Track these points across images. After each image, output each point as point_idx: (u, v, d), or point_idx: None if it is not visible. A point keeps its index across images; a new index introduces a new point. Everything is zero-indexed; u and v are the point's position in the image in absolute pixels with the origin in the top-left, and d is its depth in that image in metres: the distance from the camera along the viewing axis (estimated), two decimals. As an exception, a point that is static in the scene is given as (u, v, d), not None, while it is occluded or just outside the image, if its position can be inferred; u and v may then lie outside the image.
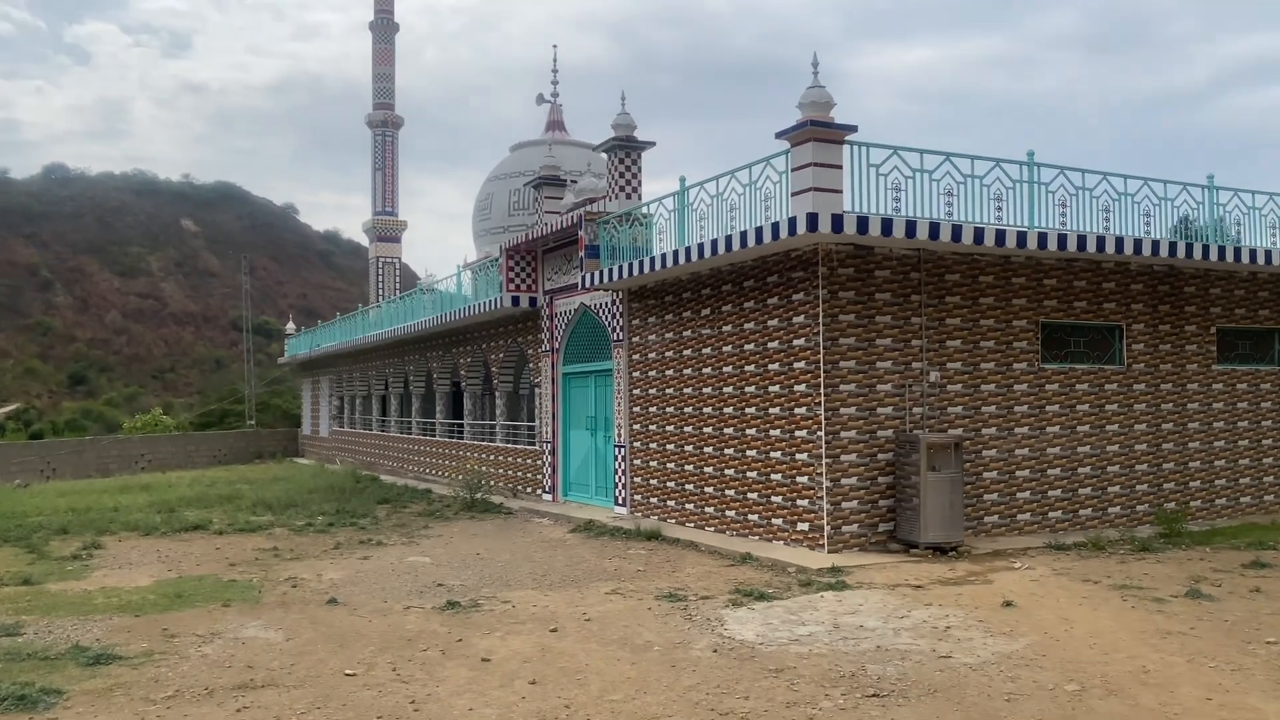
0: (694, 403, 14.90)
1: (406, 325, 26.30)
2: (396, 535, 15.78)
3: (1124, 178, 13.62)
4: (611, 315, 17.26)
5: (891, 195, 11.98)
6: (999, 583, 10.53)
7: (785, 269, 12.82)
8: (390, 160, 47.29)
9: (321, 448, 38.31)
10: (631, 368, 16.70)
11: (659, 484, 15.86)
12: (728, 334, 14.07)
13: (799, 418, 12.60)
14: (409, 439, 28.39)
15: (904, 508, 12.31)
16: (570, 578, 11.56)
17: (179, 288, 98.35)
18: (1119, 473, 14.28)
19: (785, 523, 12.84)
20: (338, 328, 35.14)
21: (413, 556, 13.51)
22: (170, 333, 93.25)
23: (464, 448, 24.16)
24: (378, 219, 47.53)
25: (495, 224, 35.35)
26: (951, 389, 13.07)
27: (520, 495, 20.82)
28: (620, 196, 17.14)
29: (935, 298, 12.98)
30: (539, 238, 18.97)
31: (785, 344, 12.85)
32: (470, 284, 24.06)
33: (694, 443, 14.89)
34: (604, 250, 16.51)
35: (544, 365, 19.98)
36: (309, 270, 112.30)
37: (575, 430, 19.23)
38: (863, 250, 12.46)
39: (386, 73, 47.94)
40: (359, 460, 32.52)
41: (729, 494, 14.04)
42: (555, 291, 19.55)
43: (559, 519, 17.26)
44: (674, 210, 14.43)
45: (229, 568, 12.80)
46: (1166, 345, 14.76)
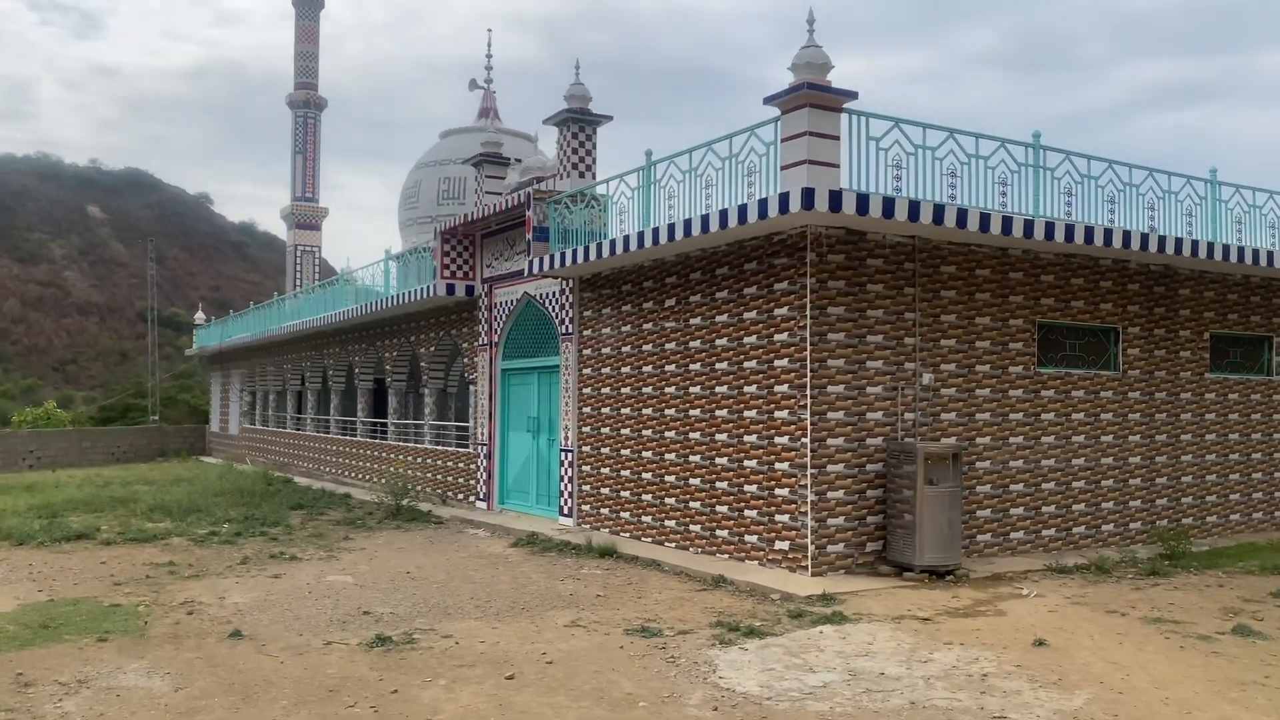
0: (655, 403, 13.39)
1: (326, 316, 24.28)
2: (313, 548, 13.93)
3: (1129, 167, 12.55)
4: (560, 306, 15.65)
5: (892, 173, 10.64)
6: (1014, 615, 9.24)
7: (767, 254, 11.40)
8: (312, 143, 44.76)
9: (231, 446, 35.83)
10: (582, 364, 15.11)
11: (612, 493, 14.30)
12: (696, 328, 12.59)
13: (779, 422, 11.18)
14: (327, 439, 26.32)
15: (896, 525, 10.98)
16: (519, 604, 9.93)
17: (83, 276, 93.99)
18: (1113, 488, 13.19)
19: (761, 540, 11.41)
20: (251, 318, 32.77)
21: (332, 575, 11.73)
22: (73, 323, 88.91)
23: (388, 449, 22.26)
24: (297, 205, 44.93)
25: (423, 213, 33.50)
26: (945, 393, 11.80)
27: (451, 503, 19.05)
28: (573, 175, 15.54)
29: (929, 291, 11.70)
30: (479, 220, 17.26)
31: (765, 339, 11.43)
32: (398, 272, 22.20)
33: (654, 448, 13.37)
34: (554, 233, 14.90)
35: (480, 360, 18.27)
36: (222, 262, 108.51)
37: (515, 432, 17.56)
38: (854, 236, 11.11)
39: (309, 51, 45.39)
40: (272, 460, 30.24)
41: (694, 506, 12.55)
42: (495, 280, 17.86)
43: (497, 530, 15.58)
44: (638, 188, 12.91)
45: (113, 588, 10.87)
46: (1161, 351, 13.74)
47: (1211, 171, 13.46)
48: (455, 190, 34.50)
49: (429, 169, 35.20)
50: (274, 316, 29.99)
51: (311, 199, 45.54)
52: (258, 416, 33.35)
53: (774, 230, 11.11)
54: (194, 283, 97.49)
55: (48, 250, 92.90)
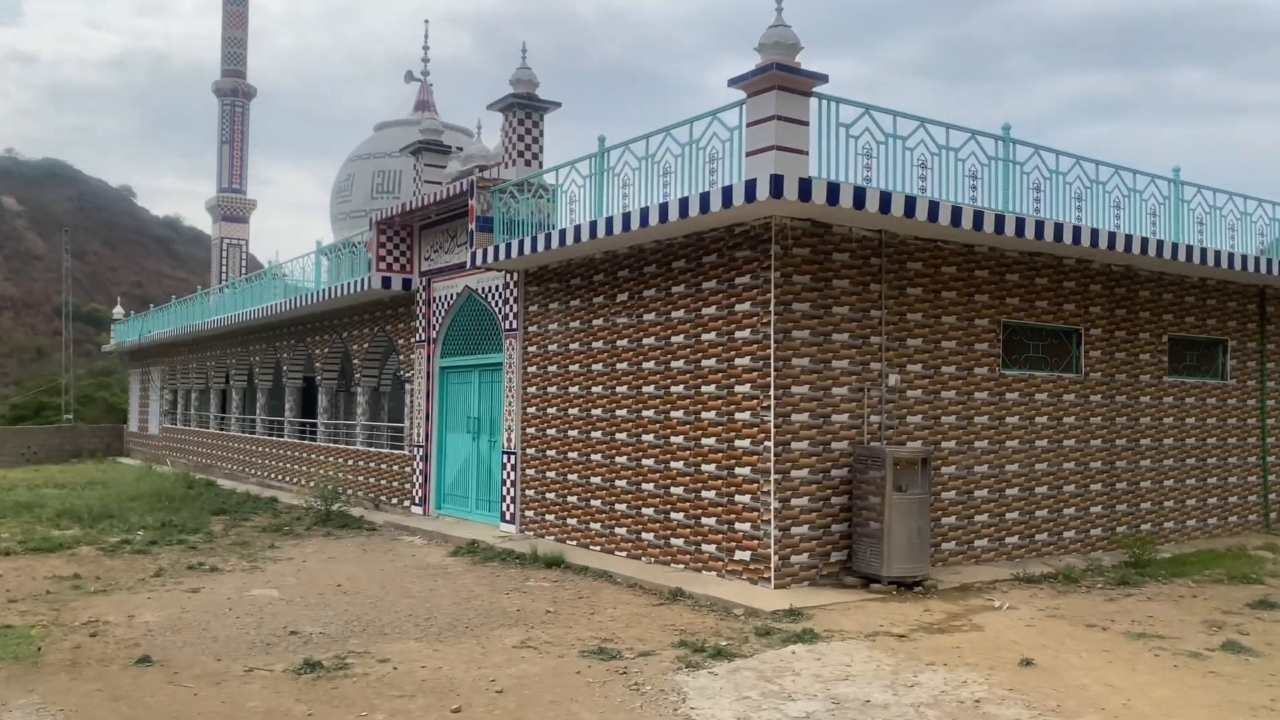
0: (605, 403, 12.68)
1: (253, 310, 23.08)
2: (236, 557, 12.94)
3: (1095, 163, 12.18)
4: (504, 300, 14.85)
5: (862, 162, 10.08)
6: (992, 629, 8.73)
7: (728, 247, 10.76)
8: (239, 133, 43.04)
9: (150, 447, 34.19)
10: (527, 361, 14.33)
11: (558, 499, 13.55)
12: (650, 324, 11.92)
13: (740, 424, 10.55)
14: (252, 439, 25.09)
15: (862, 534, 10.42)
16: (463, 621, 9.14)
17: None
18: (1075, 493, 12.83)
19: (720, 550, 10.77)
20: (173, 313, 31.23)
21: (257, 588, 10.79)
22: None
23: (318, 451, 21.19)
24: (223, 196, 43.15)
25: (356, 207, 32.36)
26: (911, 395, 11.29)
27: (385, 507, 18.10)
28: (519, 163, 14.76)
29: (896, 289, 11.18)
30: (417, 209, 16.37)
31: (725, 336, 10.79)
32: (329, 266, 21.14)
33: (604, 451, 12.66)
34: (499, 223, 14.10)
35: (417, 357, 17.36)
36: (145, 257, 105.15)
37: (453, 433, 16.70)
38: (820, 228, 10.53)
39: (238, 37, 43.67)
40: (193, 462, 28.83)
41: (647, 513, 11.87)
42: (434, 273, 16.98)
43: (434, 538, 14.73)
44: (590, 175, 12.18)
45: (6, 606, 9.81)
46: (1122, 353, 13.44)
47: (1175, 170, 13.20)
48: (390, 184, 33.46)
49: (363, 161, 34.07)
50: (198, 311, 28.58)
51: (239, 190, 43.83)
52: (179, 416, 31.85)
53: (736, 221, 10.48)
54: (115, 278, 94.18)
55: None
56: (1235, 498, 14.77)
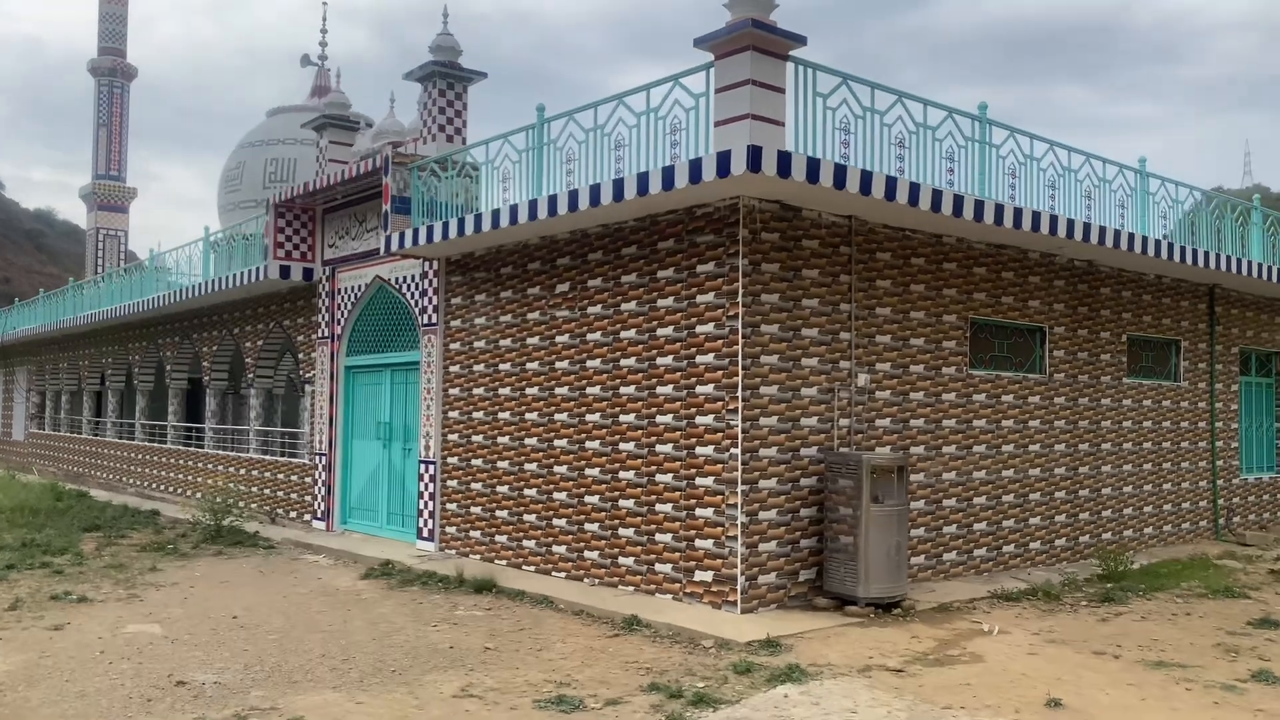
0: (541, 407, 11.38)
1: (132, 304, 20.95)
2: (110, 583, 11.21)
3: (1068, 150, 11.46)
4: (421, 292, 13.40)
5: (840, 138, 9.04)
6: (993, 660, 7.78)
7: (687, 231, 9.62)
8: (118, 116, 40.00)
9: (14, 454, 31.26)
10: (449, 360, 12.92)
11: (485, 513, 12.19)
12: (595, 318, 10.68)
13: (702, 429, 9.41)
14: (131, 445, 22.87)
15: (834, 551, 9.39)
16: (387, 663, 7.75)
17: None
18: (1040, 501, 12.10)
19: (677, 570, 9.60)
20: (41, 308, 28.54)
21: (135, 624, 9.16)
22: None
23: (205, 458, 19.26)
24: (99, 183, 40.04)
25: (247, 196, 30.21)
26: (880, 396, 10.33)
27: (282, 522, 16.39)
28: (440, 138, 13.32)
29: (865, 280, 10.21)
30: (321, 189, 14.76)
31: (684, 330, 9.64)
32: (217, 258, 19.28)
33: (540, 459, 11.36)
34: (417, 205, 12.66)
35: (319, 356, 15.74)
36: (14, 252, 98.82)
37: (361, 440, 15.14)
38: (789, 212, 9.48)
39: (117, 13, 40.59)
40: (64, 470, 26.28)
41: (590, 529, 10.63)
42: (339, 262, 15.38)
43: (341, 557, 13.18)
44: (527, 150, 10.87)
45: None
46: (1084, 353, 12.79)
47: (1141, 161, 12.61)
48: (284, 172, 31.39)
49: (254, 149, 31.86)
50: (69, 306, 26.09)
51: (117, 177, 40.77)
52: (48, 420, 29.13)
53: (698, 201, 9.34)
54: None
55: None
56: (1188, 504, 14.32)
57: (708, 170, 8.37)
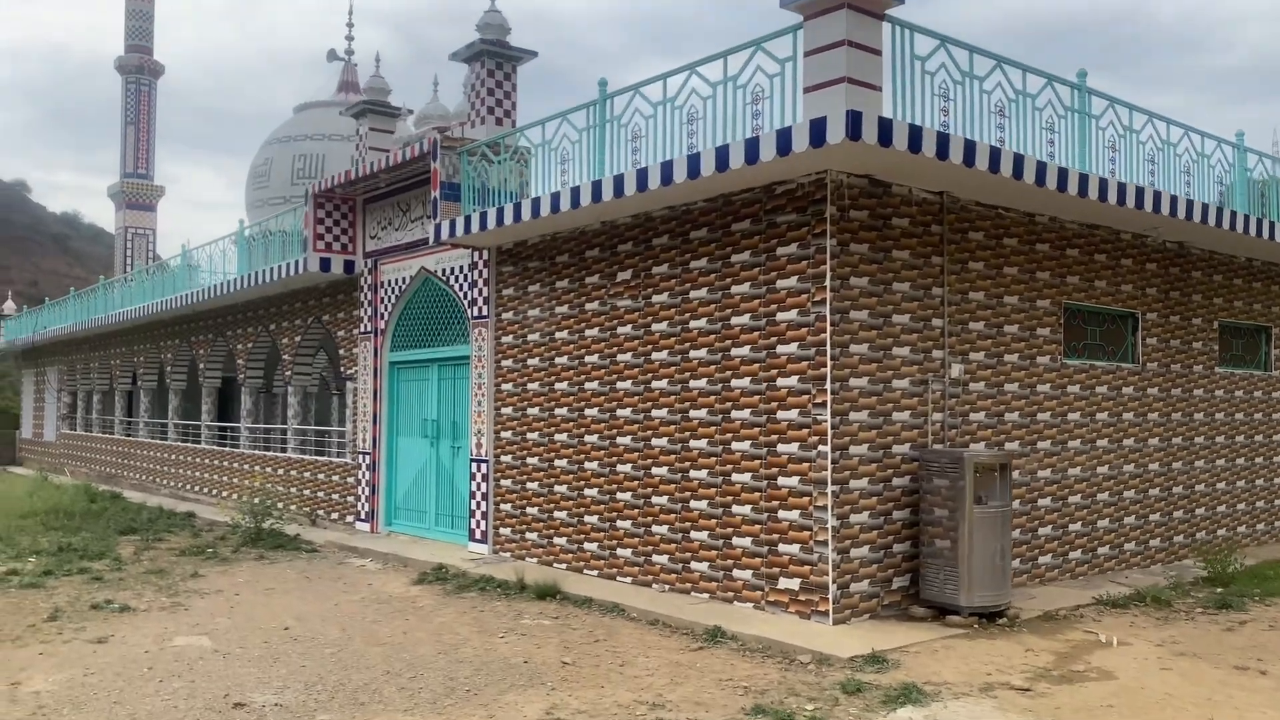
0: (602, 402, 10.71)
1: (164, 302, 20.46)
2: (152, 591, 10.65)
3: (1167, 123, 10.67)
4: (471, 283, 12.76)
5: (939, 105, 8.31)
6: (1125, 676, 7.04)
7: (765, 211, 8.91)
8: (145, 113, 39.68)
9: (47, 455, 30.96)
10: (501, 354, 12.28)
11: (542, 514, 11.54)
12: (661, 307, 10.00)
13: (785, 425, 8.70)
14: (164, 446, 22.41)
15: (930, 556, 8.67)
16: (458, 680, 7.10)
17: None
18: (1134, 499, 11.33)
19: (758, 577, 8.90)
20: (71, 307, 28.18)
21: (182, 636, 8.57)
22: None
23: (241, 459, 18.73)
24: (128, 182, 39.73)
25: (275, 193, 29.83)
26: (974, 388, 9.59)
27: (324, 524, 15.82)
28: (489, 121, 12.67)
29: (958, 263, 9.47)
30: (362, 178, 14.15)
31: (763, 319, 8.94)
32: (254, 252, 18.74)
33: (602, 457, 10.70)
34: (467, 191, 12.02)
35: (361, 351, 15.14)
36: (41, 255, 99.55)
37: (406, 438, 14.53)
38: (879, 188, 8.76)
39: (144, 10, 40.26)
40: (96, 471, 25.90)
41: (659, 532, 9.95)
42: (381, 254, 14.78)
43: (389, 560, 12.58)
44: (588, 128, 10.19)
45: None
46: (1176, 341, 11.99)
47: (1239, 135, 11.78)
48: (312, 168, 31.01)
49: (282, 145, 31.44)
50: (100, 304, 25.68)
51: (145, 176, 40.46)
52: (79, 420, 28.77)
53: (779, 178, 8.64)
54: (8, 276, 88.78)
55: None
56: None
57: (799, 140, 7.66)
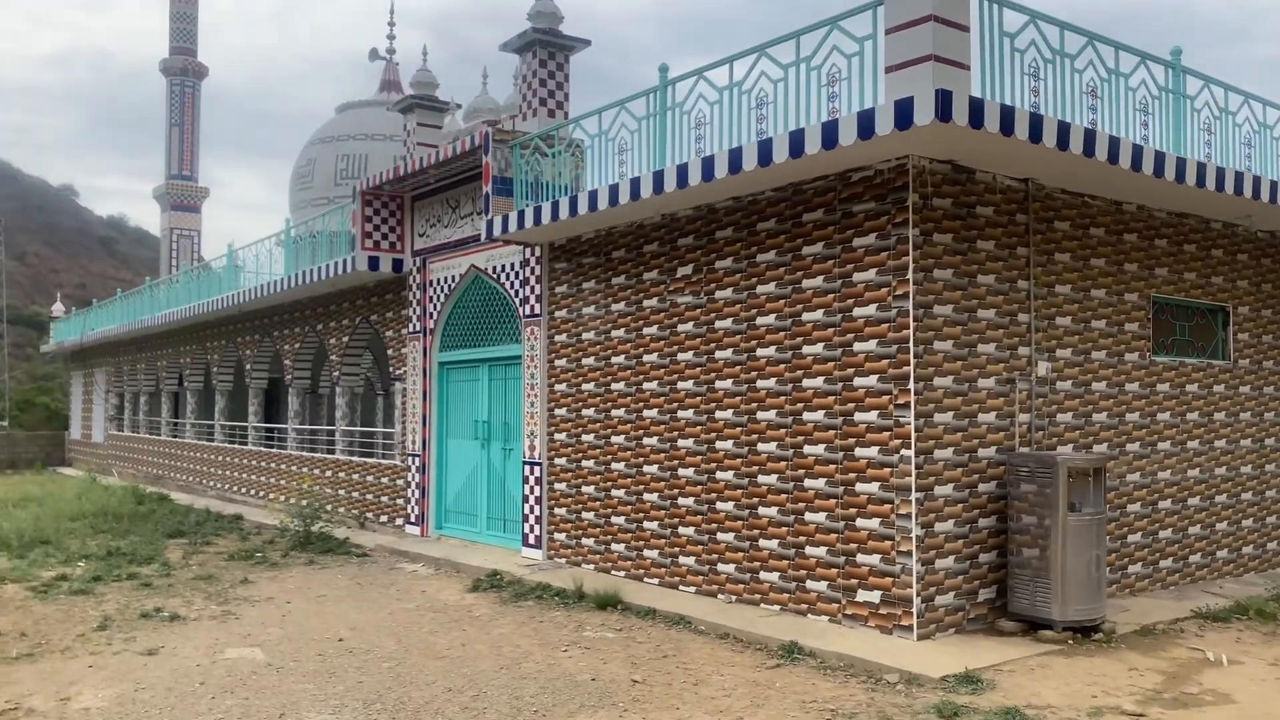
0: (662, 403, 10.27)
1: (210, 302, 20.32)
2: (201, 597, 10.38)
3: (1263, 104, 10.02)
4: (522, 281, 12.38)
5: (1029, 84, 7.78)
6: (1244, 699, 6.49)
7: (840, 200, 8.42)
8: (190, 115, 39.86)
9: (95, 456, 31.11)
10: (555, 353, 11.88)
11: (599, 519, 11.12)
12: (725, 303, 9.53)
13: (863, 428, 8.21)
14: (211, 447, 22.31)
15: (1019, 566, 8.13)
16: (525, 701, 6.70)
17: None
18: (1226, 503, 10.68)
19: (834, 589, 8.41)
20: (118, 308, 28.26)
21: (234, 647, 8.25)
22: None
23: (288, 460, 18.53)
24: (173, 184, 39.93)
25: (319, 194, 29.74)
26: (1061, 388, 9.03)
27: (372, 526, 15.54)
28: (541, 113, 12.28)
29: (1044, 254, 8.92)
30: (411, 174, 13.81)
31: (837, 314, 8.45)
32: (301, 252, 18.53)
33: (662, 461, 10.25)
34: (519, 186, 11.63)
35: (410, 351, 14.83)
36: (89, 258, 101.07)
37: (456, 439, 14.19)
38: (962, 174, 8.24)
39: (187, 12, 40.47)
40: (143, 473, 25.93)
41: (724, 539, 9.49)
42: (430, 252, 14.45)
43: (441, 566, 12.23)
44: (648, 116, 9.75)
45: (-111, 687, 7.19)
46: (1269, 336, 11.32)
47: (1337, 116, 11.07)
48: (355, 168, 30.93)
49: (325, 145, 31.36)
50: (146, 305, 25.68)
51: (190, 177, 40.65)
52: (126, 421, 28.85)
53: (855, 165, 8.15)
54: (58, 280, 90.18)
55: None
56: (1379, 504, 12.71)
57: (882, 123, 7.16)
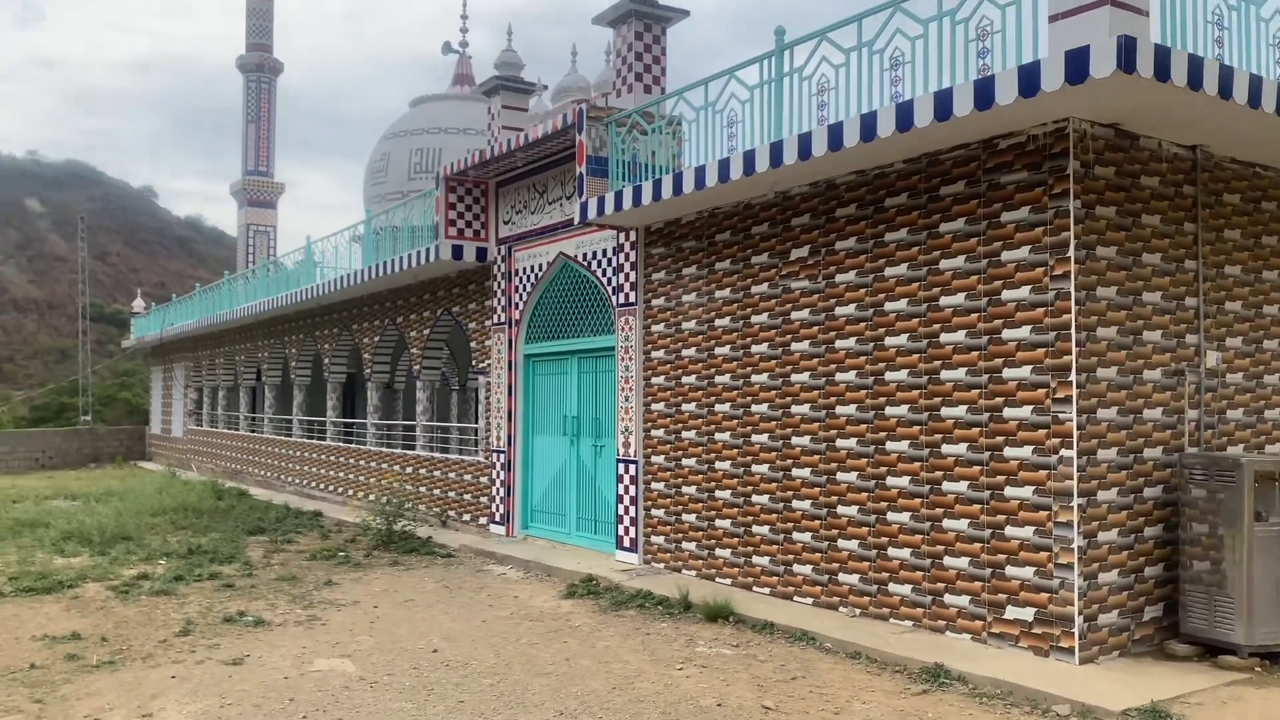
0: (773, 397, 9.49)
1: (288, 296, 20.04)
2: (285, 600, 9.89)
3: None
4: (616, 267, 11.69)
5: (1214, 33, 6.84)
6: None
7: (985, 170, 7.56)
8: (266, 111, 40.02)
9: (174, 451, 31.30)
10: (652, 344, 11.17)
11: (701, 521, 10.38)
12: (847, 287, 8.72)
13: (1013, 425, 7.34)
14: (289, 442, 22.07)
15: (1191, 582, 7.20)
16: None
17: (21, 272, 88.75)
18: (1405, 511, 9.53)
19: (977, 604, 7.56)
20: (197, 303, 28.32)
21: (323, 658, 7.69)
22: (10, 320, 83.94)
23: (368, 456, 18.12)
24: (249, 180, 40.15)
25: (393, 188, 29.54)
26: (1231, 381, 8.05)
27: (454, 525, 15.01)
28: (637, 89, 11.57)
29: (1212, 230, 7.94)
30: (498, 158, 13.20)
31: (982, 297, 7.59)
32: (382, 244, 18.10)
33: (773, 460, 9.47)
34: (615, 166, 10.94)
35: (494, 344, 14.25)
36: (167, 258, 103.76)
37: (542, 435, 13.56)
38: (1125, 140, 7.31)
39: (263, 8, 40.61)
40: (221, 467, 25.90)
41: (846, 547, 8.68)
42: (515, 240, 13.84)
43: (530, 569, 11.60)
44: (763, 83, 8.97)
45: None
46: None
47: None
48: (429, 162, 30.72)
49: (399, 139, 31.18)
50: (224, 299, 25.62)
51: (266, 173, 40.83)
52: (205, 416, 28.91)
53: (1004, 130, 7.28)
54: (138, 278, 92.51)
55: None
56: None
57: (1050, 77, 6.29)
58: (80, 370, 38.98)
